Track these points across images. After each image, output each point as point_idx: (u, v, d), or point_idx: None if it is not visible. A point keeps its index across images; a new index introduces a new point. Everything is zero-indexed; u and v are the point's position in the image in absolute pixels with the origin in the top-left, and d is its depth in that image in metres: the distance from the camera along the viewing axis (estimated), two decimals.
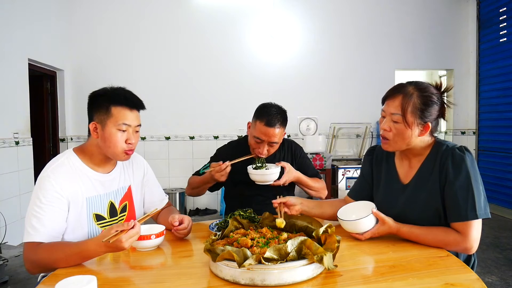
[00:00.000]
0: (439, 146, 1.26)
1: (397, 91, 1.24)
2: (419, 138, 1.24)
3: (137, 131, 1.33)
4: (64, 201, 1.21)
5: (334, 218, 1.37)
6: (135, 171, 1.48)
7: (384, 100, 1.29)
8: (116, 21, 4.70)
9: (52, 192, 1.19)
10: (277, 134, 1.69)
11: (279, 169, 1.67)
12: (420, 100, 1.20)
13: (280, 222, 1.19)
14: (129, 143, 1.29)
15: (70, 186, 1.24)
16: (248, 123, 1.81)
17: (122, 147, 1.28)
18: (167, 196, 1.64)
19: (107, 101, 1.28)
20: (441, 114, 1.25)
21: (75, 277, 0.81)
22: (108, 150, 1.28)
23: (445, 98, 1.27)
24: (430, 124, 1.22)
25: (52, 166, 1.24)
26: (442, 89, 1.27)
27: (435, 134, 1.31)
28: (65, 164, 1.27)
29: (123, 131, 1.27)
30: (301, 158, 1.91)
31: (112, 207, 1.36)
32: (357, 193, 1.50)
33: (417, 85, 1.24)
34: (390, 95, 1.26)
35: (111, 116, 1.26)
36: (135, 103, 1.31)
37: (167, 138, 4.80)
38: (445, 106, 1.26)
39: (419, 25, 5.03)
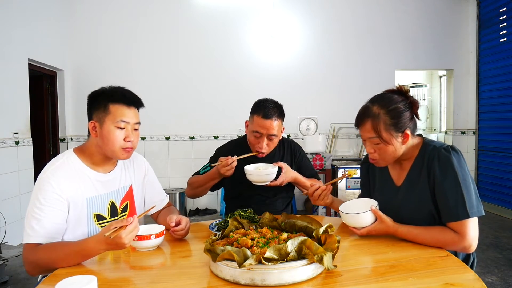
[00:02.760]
0: (426, 147, 1.27)
1: (364, 116, 1.26)
2: (404, 145, 1.26)
3: (136, 129, 1.32)
4: (64, 202, 1.21)
5: None
6: (136, 170, 1.48)
7: (356, 126, 1.32)
8: (116, 21, 4.70)
9: (51, 194, 1.18)
10: (275, 126, 1.69)
11: (276, 170, 1.67)
12: (389, 115, 1.22)
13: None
14: (128, 141, 1.28)
15: (70, 187, 1.23)
16: (246, 122, 1.81)
17: (120, 145, 1.26)
18: (168, 196, 1.64)
19: (105, 99, 1.28)
20: (415, 114, 1.27)
21: (75, 277, 0.81)
22: (106, 148, 1.27)
23: (412, 96, 1.28)
24: (407, 130, 1.24)
25: (52, 167, 1.23)
26: (404, 92, 1.28)
27: (425, 135, 1.33)
28: (65, 164, 1.26)
29: (122, 128, 1.26)
30: (300, 157, 1.91)
31: (113, 206, 1.36)
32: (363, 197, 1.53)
33: (379, 101, 1.26)
34: (359, 122, 1.29)
35: (109, 114, 1.26)
36: (133, 100, 1.31)
37: (167, 138, 4.80)
38: (416, 105, 1.27)
39: (419, 25, 5.03)
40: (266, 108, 1.69)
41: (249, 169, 1.67)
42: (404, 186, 1.31)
